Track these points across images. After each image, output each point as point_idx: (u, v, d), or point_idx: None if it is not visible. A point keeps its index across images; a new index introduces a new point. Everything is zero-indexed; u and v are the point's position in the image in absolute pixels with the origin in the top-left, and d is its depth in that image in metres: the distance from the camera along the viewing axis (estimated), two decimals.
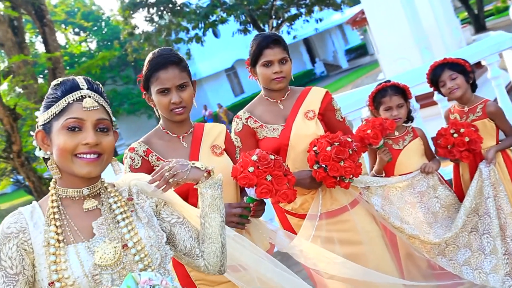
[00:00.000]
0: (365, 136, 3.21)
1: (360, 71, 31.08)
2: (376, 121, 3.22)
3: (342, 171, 2.73)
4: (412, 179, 3.28)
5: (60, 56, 13.51)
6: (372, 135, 3.19)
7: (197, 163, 1.85)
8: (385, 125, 3.22)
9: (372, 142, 3.20)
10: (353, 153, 2.76)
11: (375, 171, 3.35)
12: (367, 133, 3.20)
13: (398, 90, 3.36)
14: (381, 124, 3.21)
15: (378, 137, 3.20)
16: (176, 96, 2.41)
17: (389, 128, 3.23)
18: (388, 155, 3.28)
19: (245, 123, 3.01)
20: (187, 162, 1.84)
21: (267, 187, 2.28)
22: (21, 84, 12.40)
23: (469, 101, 3.42)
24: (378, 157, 3.30)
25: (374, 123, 3.22)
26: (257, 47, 2.97)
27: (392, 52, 11.53)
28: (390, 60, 11.62)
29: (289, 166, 2.95)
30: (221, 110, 27.22)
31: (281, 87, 3.00)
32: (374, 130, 3.19)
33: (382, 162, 3.30)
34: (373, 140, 3.19)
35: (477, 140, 3.20)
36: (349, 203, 3.01)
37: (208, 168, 1.85)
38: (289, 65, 3.00)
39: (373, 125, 3.21)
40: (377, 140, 3.20)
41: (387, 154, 3.28)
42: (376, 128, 3.20)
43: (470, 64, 3.41)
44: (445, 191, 3.32)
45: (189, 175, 1.82)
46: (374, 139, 3.19)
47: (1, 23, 12.97)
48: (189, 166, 1.83)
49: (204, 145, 2.54)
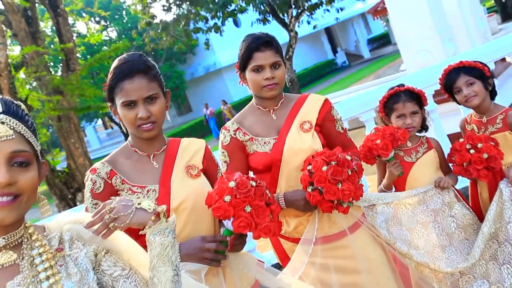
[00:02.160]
0: (374, 146, 2.85)
1: (382, 61, 30.47)
2: (387, 130, 2.86)
3: (340, 195, 2.38)
4: (425, 194, 2.91)
5: (73, 47, 13.30)
6: (382, 146, 2.83)
7: (144, 203, 1.51)
8: (396, 135, 2.85)
9: (381, 153, 2.84)
10: (352, 174, 2.41)
11: (383, 186, 3.00)
12: (376, 144, 2.84)
13: (413, 95, 2.99)
14: (392, 134, 2.85)
15: (388, 149, 2.84)
16: (144, 110, 2.08)
17: (401, 139, 2.87)
18: (399, 169, 2.92)
19: (233, 136, 2.68)
20: (132, 202, 1.51)
21: (245, 220, 1.95)
22: (33, 76, 12.21)
23: (488, 111, 3.03)
24: (388, 170, 2.95)
25: (384, 132, 2.86)
26: (246, 50, 2.63)
27: (413, 44, 11.06)
28: (411, 52, 11.15)
29: (282, 184, 2.64)
30: (225, 107, 25.59)
31: (273, 95, 2.66)
32: (384, 141, 2.83)
33: (392, 176, 2.94)
34: (383, 151, 2.83)
35: (497, 157, 2.82)
36: (349, 227, 2.67)
37: (157, 209, 1.51)
38: (283, 70, 2.65)
39: (383, 135, 2.85)
40: (387, 152, 2.84)
41: (397, 167, 2.92)
42: (386, 138, 2.84)
43: (489, 69, 3.02)
44: (463, 210, 2.95)
45: (133, 219, 1.48)
46: (384, 150, 2.83)
47: (14, 13, 12.78)
48: (133, 208, 1.49)
49: (178, 165, 2.21)
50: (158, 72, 2.19)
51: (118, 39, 34.41)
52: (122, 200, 1.50)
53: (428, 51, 10.89)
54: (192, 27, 22.82)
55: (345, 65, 37.29)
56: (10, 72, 11.07)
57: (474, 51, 5.52)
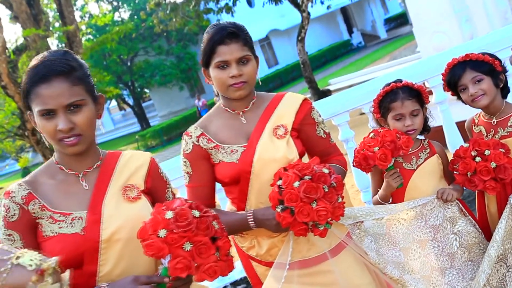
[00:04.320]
0: (371, 155, 2.41)
1: (398, 41, 29.74)
2: (387, 137, 2.42)
3: (314, 216, 1.98)
4: (423, 207, 2.49)
5: (76, 30, 12.93)
6: (380, 156, 2.39)
7: (24, 257, 1.14)
8: (398, 142, 2.41)
9: (379, 164, 2.41)
10: (330, 191, 2.01)
11: (380, 197, 2.58)
12: (374, 152, 2.41)
13: (412, 92, 2.56)
14: (393, 141, 2.41)
15: (387, 159, 2.40)
16: (64, 120, 1.69)
17: (403, 148, 2.42)
18: (398, 180, 2.50)
19: (196, 143, 2.30)
20: (8, 255, 1.13)
21: (184, 260, 1.56)
22: None
23: (498, 111, 2.59)
24: (385, 181, 2.53)
25: (384, 138, 2.42)
26: (208, 43, 2.24)
27: (428, 25, 10.52)
28: (426, 34, 10.61)
29: (252, 200, 2.26)
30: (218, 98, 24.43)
31: (241, 95, 2.26)
32: (383, 149, 2.39)
33: (390, 188, 2.52)
34: (381, 162, 2.40)
35: (507, 166, 2.39)
36: (330, 249, 2.28)
37: (42, 266, 1.13)
38: (252, 65, 2.25)
39: (382, 142, 2.41)
40: (386, 163, 2.41)
41: (396, 178, 2.50)
42: (385, 146, 2.40)
43: (500, 62, 2.58)
44: (467, 226, 2.53)
45: (8, 279, 1.12)
46: (382, 161, 2.40)
47: None
48: (10, 264, 1.12)
49: (113, 185, 1.82)
50: (87, 73, 1.80)
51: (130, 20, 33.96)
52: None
53: (444, 33, 10.36)
54: (202, 7, 22.32)
55: (360, 45, 36.50)
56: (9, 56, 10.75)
57: (494, 35, 5.01)
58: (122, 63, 36.17)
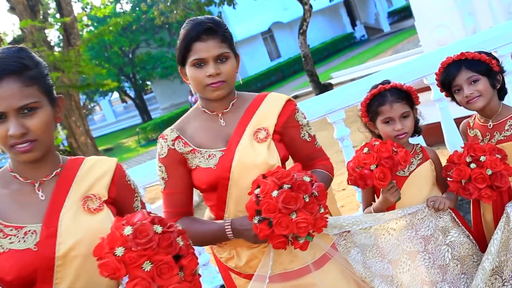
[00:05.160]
0: (368, 175, 2.20)
1: (402, 35, 29.45)
2: (383, 152, 2.21)
3: (294, 228, 1.83)
4: (413, 216, 2.34)
5: (74, 21, 12.76)
6: (378, 176, 2.18)
7: None
8: (396, 158, 2.22)
9: (378, 184, 2.22)
10: (311, 201, 1.86)
11: (374, 210, 2.42)
12: (371, 171, 2.20)
13: (401, 94, 2.40)
14: (391, 157, 2.21)
15: (386, 178, 2.20)
16: (16, 125, 1.54)
17: (401, 163, 2.23)
18: (396, 194, 2.33)
19: (171, 147, 2.15)
20: None
21: (143, 282, 1.41)
22: None
23: (495, 114, 2.44)
24: (382, 196, 2.36)
25: (380, 154, 2.20)
26: (184, 40, 2.09)
27: (430, 19, 10.35)
28: (428, 28, 10.44)
29: (231, 208, 2.12)
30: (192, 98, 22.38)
31: (219, 96, 2.11)
32: (381, 168, 2.19)
33: (387, 202, 2.35)
34: (379, 182, 2.20)
35: (503, 173, 2.23)
36: (314, 261, 2.14)
37: None
38: (231, 64, 2.10)
39: (378, 158, 2.20)
40: (385, 182, 2.21)
41: (394, 192, 2.32)
42: (383, 164, 2.19)
43: (498, 61, 2.42)
44: (460, 237, 2.38)
45: None
46: (381, 180, 2.19)
47: None
48: None
49: (73, 196, 1.67)
50: (43, 72, 1.65)
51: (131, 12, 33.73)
52: None
53: (446, 27, 10.18)
54: None
55: (364, 39, 36.17)
56: None
57: (497, 29, 4.83)
58: (124, 55, 35.98)
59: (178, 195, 2.18)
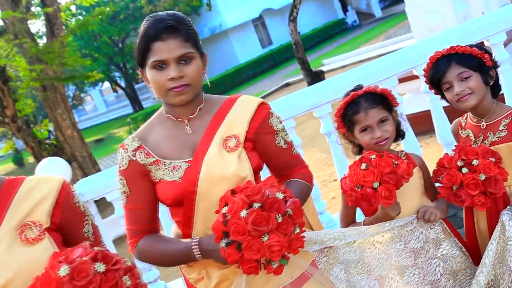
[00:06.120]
0: (371, 194, 1.97)
1: (393, 20, 29.22)
2: (383, 166, 1.99)
3: (266, 252, 1.63)
4: (402, 228, 2.14)
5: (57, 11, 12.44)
6: (384, 194, 1.95)
7: None
8: (399, 172, 2.00)
9: (384, 204, 1.99)
10: (284, 221, 1.65)
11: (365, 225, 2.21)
12: (374, 190, 1.97)
13: (376, 98, 2.19)
14: (394, 172, 1.99)
15: (391, 195, 1.97)
16: None
17: (404, 176, 2.01)
18: (397, 208, 2.10)
19: (132, 158, 1.94)
20: None
21: None
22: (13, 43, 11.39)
23: (488, 113, 2.24)
24: (381, 211, 2.13)
25: (381, 170, 1.98)
26: (142, 39, 1.87)
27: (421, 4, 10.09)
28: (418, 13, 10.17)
29: (199, 225, 1.92)
30: None
31: (182, 101, 1.89)
32: (385, 186, 1.96)
33: (387, 217, 2.13)
34: (386, 201, 1.97)
35: (498, 178, 2.03)
36: (292, 281, 1.94)
37: None
38: (196, 65, 1.88)
39: (380, 175, 1.97)
40: (392, 200, 1.98)
41: (396, 207, 2.10)
42: (387, 180, 1.97)
43: (491, 56, 2.21)
44: (453, 250, 2.18)
45: None
46: (387, 199, 1.97)
47: None
48: None
49: (6, 224, 1.45)
50: None
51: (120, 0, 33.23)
52: None
53: (437, 13, 9.93)
54: None
55: (355, 24, 35.89)
56: None
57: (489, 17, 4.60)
58: (113, 44, 35.48)
59: (141, 211, 1.97)
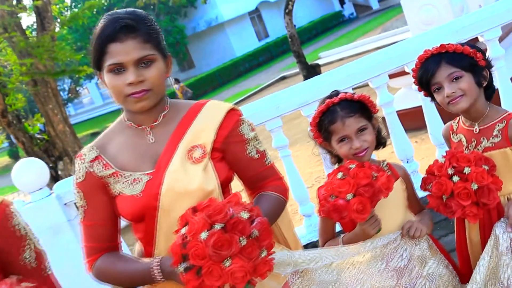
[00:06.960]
0: (343, 206, 1.82)
1: (390, 12, 29.03)
2: (360, 178, 1.84)
3: (228, 278, 1.47)
4: (384, 248, 1.98)
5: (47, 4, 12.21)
6: (357, 207, 1.80)
7: None
8: (376, 185, 1.84)
9: (356, 218, 1.83)
10: (249, 244, 1.48)
11: (344, 243, 2.05)
12: (347, 202, 1.82)
13: (353, 106, 2.03)
14: (371, 184, 1.84)
15: (365, 210, 1.81)
16: None
17: (382, 190, 1.85)
18: (376, 225, 1.95)
19: (89, 169, 1.77)
20: None
21: None
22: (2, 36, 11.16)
23: (481, 116, 2.08)
24: (360, 227, 1.98)
25: (358, 181, 1.83)
26: (97, 40, 1.69)
27: None
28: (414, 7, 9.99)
29: (161, 243, 1.76)
30: (177, 86, 20.69)
31: (143, 107, 1.72)
32: (359, 198, 1.81)
33: (365, 235, 1.97)
34: (358, 215, 1.81)
35: (491, 188, 1.87)
36: None
37: None
38: (158, 68, 1.72)
39: (355, 186, 1.82)
40: (364, 215, 1.82)
41: (374, 224, 1.94)
42: (362, 193, 1.82)
43: (484, 55, 2.04)
44: (439, 268, 2.02)
45: None
46: (359, 213, 1.81)
47: None
48: None
49: None
50: None
51: None
52: None
53: (433, 6, 9.76)
54: None
55: (352, 17, 35.68)
56: None
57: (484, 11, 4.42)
58: None
59: (100, 228, 1.81)
